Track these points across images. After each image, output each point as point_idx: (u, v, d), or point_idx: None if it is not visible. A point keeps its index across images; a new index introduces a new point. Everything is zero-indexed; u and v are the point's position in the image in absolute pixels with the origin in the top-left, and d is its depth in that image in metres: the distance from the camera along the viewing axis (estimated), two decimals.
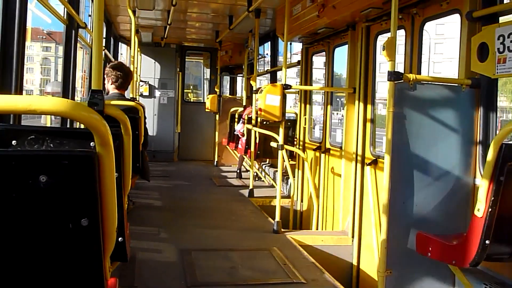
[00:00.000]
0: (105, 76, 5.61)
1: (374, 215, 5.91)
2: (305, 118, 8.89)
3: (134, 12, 8.41)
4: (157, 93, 13.83)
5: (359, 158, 6.60)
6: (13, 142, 2.32)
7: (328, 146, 7.95)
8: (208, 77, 15.94)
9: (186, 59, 15.24)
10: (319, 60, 11.38)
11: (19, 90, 3.43)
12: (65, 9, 5.58)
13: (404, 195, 4.49)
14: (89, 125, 1.44)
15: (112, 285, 2.00)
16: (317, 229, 7.73)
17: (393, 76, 4.21)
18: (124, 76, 5.59)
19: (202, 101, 16.41)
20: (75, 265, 1.58)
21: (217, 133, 13.39)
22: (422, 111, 4.54)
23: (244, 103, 11.56)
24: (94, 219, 1.53)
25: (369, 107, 6.54)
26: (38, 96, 1.48)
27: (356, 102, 6.70)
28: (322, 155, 7.98)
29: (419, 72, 5.55)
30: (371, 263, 6.12)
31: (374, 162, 6.15)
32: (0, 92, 3.41)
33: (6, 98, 1.38)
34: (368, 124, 6.53)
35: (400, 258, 4.41)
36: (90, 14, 8.40)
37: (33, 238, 1.53)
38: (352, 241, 6.70)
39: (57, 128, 3.62)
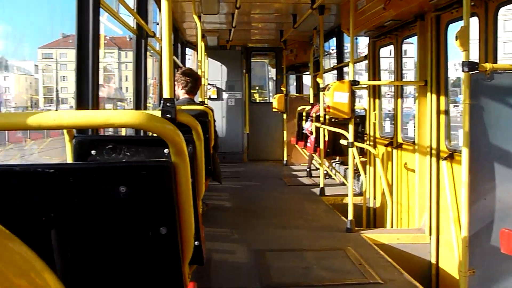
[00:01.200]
0: (175, 82, 5.75)
1: (452, 211, 5.67)
2: (375, 113, 8.69)
3: (199, 17, 8.57)
4: (225, 95, 14.03)
5: (433, 152, 6.37)
6: (92, 152, 2.43)
7: (400, 141, 7.73)
8: (274, 77, 15.97)
9: (252, 60, 15.35)
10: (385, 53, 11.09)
11: (95, 105, 3.58)
12: (134, 19, 5.78)
13: (485, 190, 4.27)
14: (164, 136, 1.47)
15: None
16: (392, 227, 7.53)
17: (468, 66, 4.01)
18: (193, 81, 5.71)
19: (268, 101, 16.47)
20: (156, 272, 1.62)
21: (285, 132, 13.39)
22: (501, 101, 4.30)
23: (311, 101, 11.49)
24: (172, 227, 1.57)
25: (442, 99, 6.30)
26: (115, 110, 1.53)
27: (428, 94, 6.47)
28: (394, 150, 7.77)
29: (495, 61, 5.27)
30: (451, 262, 5.88)
31: (450, 156, 5.91)
32: (79, 108, 3.58)
33: (86, 114, 1.44)
34: (442, 117, 6.28)
35: (483, 256, 4.20)
36: (157, 22, 8.65)
37: (115, 247, 1.58)
38: (430, 239, 6.47)
39: (132, 137, 3.75)
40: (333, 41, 11.81)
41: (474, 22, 5.32)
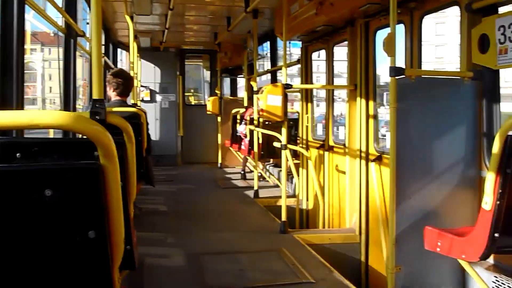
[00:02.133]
0: (106, 83, 5.60)
1: (380, 211, 5.89)
2: (307, 116, 8.87)
3: (131, 17, 8.41)
4: (158, 97, 13.84)
5: (363, 154, 6.58)
6: (17, 154, 2.32)
7: (331, 143, 7.93)
8: (209, 79, 15.94)
9: (186, 62, 15.24)
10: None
11: (20, 105, 3.43)
12: (63, 18, 5.58)
13: (410, 190, 4.47)
14: (92, 138, 1.43)
15: None
16: (324, 227, 7.71)
17: (395, 71, 4.19)
18: (125, 82, 5.59)
19: (203, 103, 16.40)
20: (84, 277, 1.57)
21: (219, 135, 13.38)
22: (425, 106, 4.53)
23: (245, 104, 11.56)
24: (101, 230, 1.52)
25: (371, 103, 6.52)
26: (39, 110, 1.47)
27: (358, 98, 6.68)
28: (326, 153, 7.96)
29: (420, 67, 5.53)
30: (379, 260, 6.10)
31: (379, 158, 6.13)
32: (2, 108, 3.41)
33: (8, 114, 1.37)
34: (371, 120, 6.51)
35: (409, 254, 4.39)
36: (88, 22, 8.41)
37: (41, 252, 1.52)
38: (360, 238, 6.68)
39: (60, 139, 3.62)
40: (267, 45, 11.96)
41: (401, 29, 5.57)
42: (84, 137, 1.50)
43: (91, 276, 1.56)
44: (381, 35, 6.27)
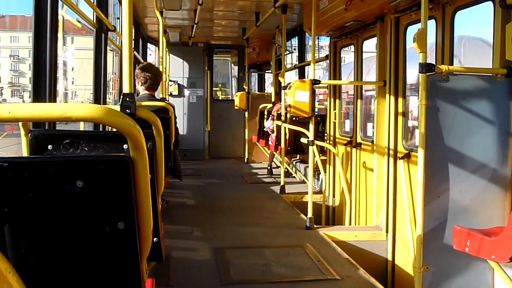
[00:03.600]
0: (135, 77, 5.67)
1: (408, 209, 5.82)
2: (335, 112, 8.81)
3: (161, 12, 8.47)
4: (186, 92, 13.93)
5: (391, 152, 6.51)
6: (49, 146, 2.37)
7: (359, 140, 7.86)
8: (236, 74, 15.97)
9: (214, 58, 15.29)
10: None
11: (53, 98, 3.50)
12: (94, 13, 5.67)
13: (439, 189, 4.40)
14: (122, 131, 1.46)
15: (149, 285, 2.03)
16: (350, 224, 7.66)
17: (425, 68, 4.12)
18: (153, 77, 5.64)
19: (231, 98, 16.45)
20: (114, 267, 1.60)
21: (246, 130, 13.41)
22: (456, 103, 4.44)
23: (273, 100, 11.55)
24: (130, 222, 1.55)
25: (400, 100, 6.44)
26: (72, 103, 1.50)
27: (387, 95, 6.61)
28: (353, 149, 7.90)
29: (451, 63, 5.43)
30: (406, 259, 6.03)
31: (407, 156, 6.05)
32: (36, 100, 3.49)
33: (42, 106, 1.40)
34: (400, 117, 6.43)
35: (437, 253, 4.33)
36: (118, 16, 8.52)
37: (72, 242, 1.56)
38: (387, 236, 6.62)
39: (90, 132, 3.68)
40: (295, 40, 11.91)
41: (432, 25, 5.48)
42: (113, 129, 1.53)
43: (120, 266, 1.59)
44: (412, 30, 6.21)
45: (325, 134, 9.32)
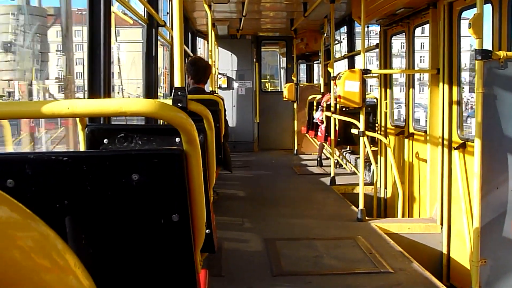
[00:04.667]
0: (185, 71, 5.76)
1: (464, 201, 5.64)
2: (386, 102, 8.64)
3: (209, 6, 8.54)
4: (235, 84, 14.00)
5: (445, 142, 6.32)
6: (105, 140, 2.44)
7: (411, 130, 7.68)
8: (285, 65, 15.92)
9: (262, 49, 15.29)
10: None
11: (107, 93, 3.60)
12: (145, 9, 5.78)
13: (497, 180, 4.25)
14: (176, 124, 1.48)
15: (202, 276, 2.06)
16: (402, 216, 7.51)
17: (481, 54, 3.97)
18: (203, 70, 5.71)
19: (279, 90, 16.42)
20: (168, 259, 1.63)
21: (295, 121, 13.36)
22: None
23: (322, 90, 11.43)
24: (184, 214, 1.57)
25: (454, 88, 6.24)
26: (127, 98, 1.53)
27: (440, 83, 6.41)
28: (406, 140, 7.73)
29: (509, 49, 5.20)
30: (462, 252, 5.86)
31: (462, 146, 5.87)
32: (91, 96, 3.60)
33: (99, 102, 1.44)
34: (454, 106, 6.23)
35: (495, 246, 4.19)
36: (168, 12, 8.65)
37: (128, 234, 1.60)
38: (441, 228, 6.45)
39: (143, 126, 3.76)
40: (344, 30, 11.74)
41: (488, 9, 5.26)
42: (165, 123, 1.55)
43: (175, 258, 1.62)
44: (466, 16, 5.98)
45: (376, 125, 9.16)
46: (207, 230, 2.64)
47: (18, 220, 0.48)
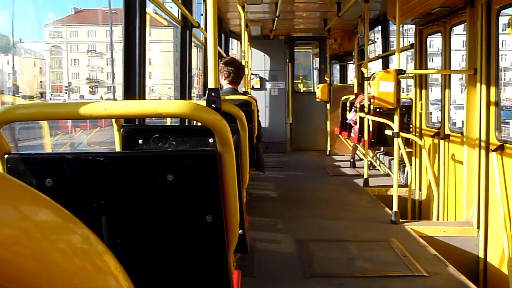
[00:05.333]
0: (219, 72, 5.79)
1: (502, 204, 5.50)
2: (421, 103, 8.49)
3: (243, 7, 8.57)
4: (268, 85, 14.01)
5: (482, 144, 6.17)
6: (140, 141, 2.48)
7: (447, 132, 7.53)
8: (318, 66, 15.83)
9: (295, 50, 15.25)
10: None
11: (142, 95, 3.65)
12: (179, 10, 5.84)
13: None
14: (210, 126, 1.49)
15: (236, 277, 2.06)
16: (438, 219, 7.37)
17: None
18: (236, 71, 5.73)
19: (312, 90, 16.34)
20: (202, 259, 1.65)
21: (328, 122, 13.27)
22: None
23: (355, 91, 11.34)
24: (217, 215, 1.59)
25: (492, 89, 6.09)
26: (162, 100, 1.55)
27: (478, 84, 6.27)
28: (441, 141, 7.58)
29: None
30: (500, 257, 5.71)
31: (501, 148, 5.72)
32: (126, 97, 3.67)
33: (135, 104, 1.47)
34: (492, 107, 6.08)
35: None
36: (201, 13, 8.72)
37: (163, 234, 1.62)
38: (478, 232, 6.30)
39: (178, 127, 3.81)
40: (378, 29, 11.60)
41: None
42: (199, 124, 1.56)
43: (209, 258, 1.63)
44: (505, 15, 5.84)
45: (411, 126, 9.02)
46: (240, 231, 2.65)
47: (60, 223, 0.50)
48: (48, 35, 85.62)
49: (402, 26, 10.57)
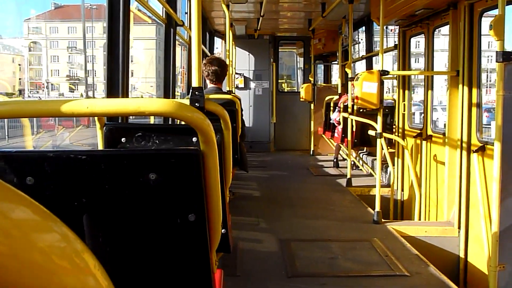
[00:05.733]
0: (202, 70, 5.77)
1: (482, 205, 5.57)
2: (404, 104, 8.57)
3: (227, 6, 8.55)
4: (252, 84, 14.01)
5: (464, 145, 6.25)
6: (122, 139, 2.46)
7: (429, 132, 7.61)
8: (302, 66, 15.88)
9: (280, 50, 15.27)
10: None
11: (125, 93, 3.62)
12: (163, 8, 5.81)
13: None
14: (194, 125, 1.48)
15: (218, 276, 2.06)
16: (419, 219, 7.44)
17: (503, 56, 3.92)
18: (220, 69, 5.71)
19: (296, 90, 16.39)
20: (184, 258, 1.64)
21: (312, 122, 13.32)
22: None
23: (339, 91, 11.38)
24: (200, 214, 1.58)
25: (474, 90, 6.17)
26: (145, 98, 1.54)
27: (460, 85, 6.34)
28: (423, 142, 7.66)
29: None
30: (480, 257, 5.79)
31: (482, 149, 5.79)
32: (109, 95, 3.63)
33: (118, 102, 1.45)
34: (474, 108, 6.16)
35: None
36: (186, 11, 8.68)
37: (145, 233, 1.61)
38: (459, 232, 6.37)
39: (161, 125, 3.79)
40: (362, 30, 11.68)
41: (510, 11, 5.18)
42: (182, 122, 1.55)
43: (191, 257, 1.62)
44: (487, 17, 5.90)
45: (394, 126, 9.10)
46: (222, 230, 2.64)
47: (38, 221, 0.49)
48: (27, 31, 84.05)
49: (387, 27, 10.64)
